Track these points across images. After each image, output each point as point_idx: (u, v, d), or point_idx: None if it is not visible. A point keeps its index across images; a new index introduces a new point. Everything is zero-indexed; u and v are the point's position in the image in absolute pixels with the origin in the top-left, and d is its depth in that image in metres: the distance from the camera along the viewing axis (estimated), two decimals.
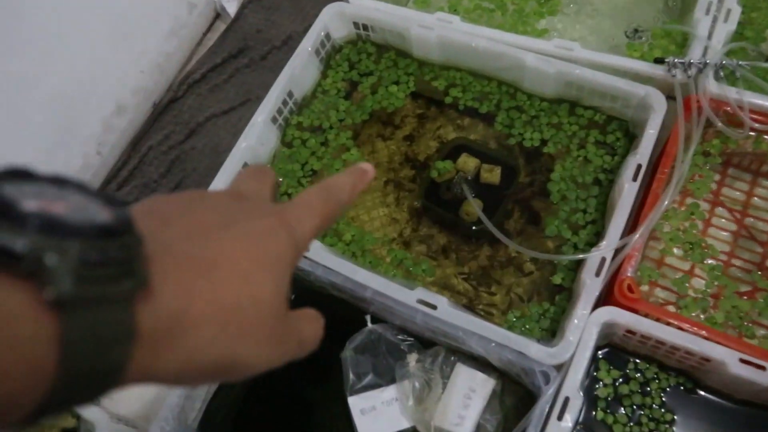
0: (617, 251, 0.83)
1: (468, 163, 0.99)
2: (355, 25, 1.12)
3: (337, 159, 1.05)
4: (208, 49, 1.42)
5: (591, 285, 0.81)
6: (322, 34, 1.10)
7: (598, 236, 0.92)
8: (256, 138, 1.00)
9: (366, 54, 1.13)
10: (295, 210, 0.35)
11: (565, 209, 0.95)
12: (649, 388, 0.86)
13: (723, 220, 0.96)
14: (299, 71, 1.06)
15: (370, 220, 1.03)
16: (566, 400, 0.77)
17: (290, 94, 1.07)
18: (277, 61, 1.34)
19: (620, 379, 0.87)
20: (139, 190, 1.27)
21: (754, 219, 0.97)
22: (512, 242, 0.91)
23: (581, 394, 0.78)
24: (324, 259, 0.88)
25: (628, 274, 0.82)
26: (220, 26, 1.49)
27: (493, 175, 0.98)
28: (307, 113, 1.09)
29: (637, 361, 0.88)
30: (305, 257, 0.90)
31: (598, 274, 0.81)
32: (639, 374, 0.87)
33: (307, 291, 1.01)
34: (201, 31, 1.48)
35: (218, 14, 1.50)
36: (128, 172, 1.30)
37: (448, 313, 0.82)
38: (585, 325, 0.79)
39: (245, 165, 1.00)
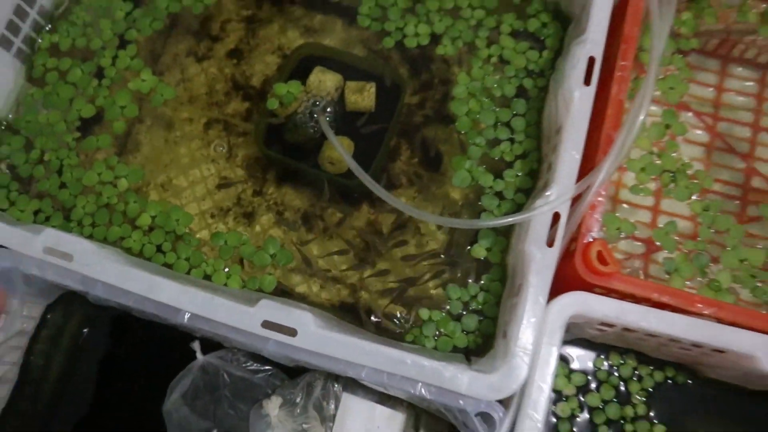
0: (574, 201, 0.52)
1: (324, 81, 0.63)
2: None
3: (123, 91, 0.67)
4: None
5: (543, 260, 0.50)
6: None
7: (534, 177, 0.61)
8: None
9: None
10: None
11: (478, 141, 0.63)
12: (627, 391, 0.59)
13: (697, 131, 0.68)
14: None
15: (190, 185, 0.67)
16: None
17: (30, 1, 0.66)
18: None
19: (587, 384, 0.59)
20: None
21: (729, 123, 0.69)
22: (401, 201, 0.58)
23: None
24: (98, 270, 0.52)
25: (594, 235, 0.52)
26: None
27: (364, 97, 0.64)
28: (66, 28, 0.69)
29: (606, 355, 0.59)
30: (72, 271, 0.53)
31: (551, 242, 0.50)
32: (613, 374, 0.59)
33: (99, 314, 0.64)
34: None
35: None
36: None
37: (315, 339, 0.49)
38: (542, 325, 0.49)
39: None
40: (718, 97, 0.70)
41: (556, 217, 0.52)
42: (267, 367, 0.60)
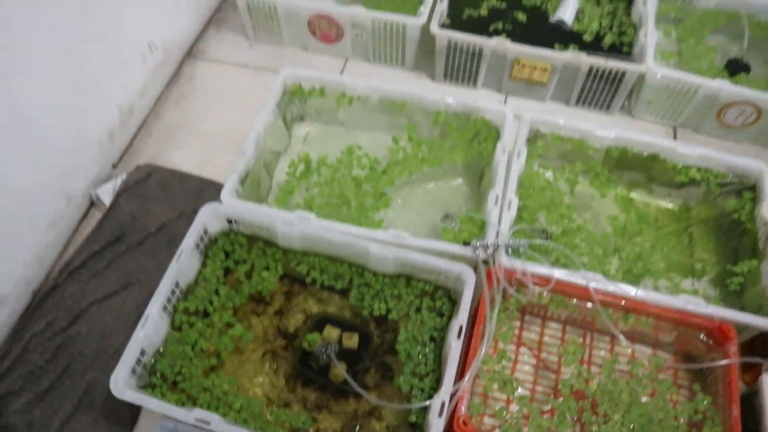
0: (452, 395, 1.10)
1: (332, 333, 1.23)
2: (228, 220, 1.36)
3: (224, 335, 1.25)
4: (86, 237, 1.54)
5: (436, 424, 1.07)
6: (202, 231, 1.32)
7: (438, 381, 1.20)
8: (153, 328, 1.18)
9: (238, 244, 1.36)
10: None
11: (409, 364, 1.22)
12: None
13: (526, 356, 1.28)
14: (184, 266, 1.27)
15: (253, 387, 1.22)
16: None
17: (176, 284, 1.26)
18: (154, 246, 1.52)
19: None
20: (25, 379, 1.34)
21: (547, 353, 1.30)
22: (372, 396, 1.15)
23: None
24: (223, 428, 1.06)
25: (463, 412, 1.09)
26: (95, 214, 1.63)
27: (352, 341, 1.24)
28: (192, 299, 1.29)
29: None
30: (209, 430, 1.08)
31: (440, 415, 1.08)
32: None
33: None
34: (77, 219, 1.61)
35: (92, 203, 1.65)
36: (11, 362, 1.37)
37: None
38: None
39: (142, 352, 1.17)
40: (540, 339, 1.31)
41: (443, 404, 1.09)
42: None
